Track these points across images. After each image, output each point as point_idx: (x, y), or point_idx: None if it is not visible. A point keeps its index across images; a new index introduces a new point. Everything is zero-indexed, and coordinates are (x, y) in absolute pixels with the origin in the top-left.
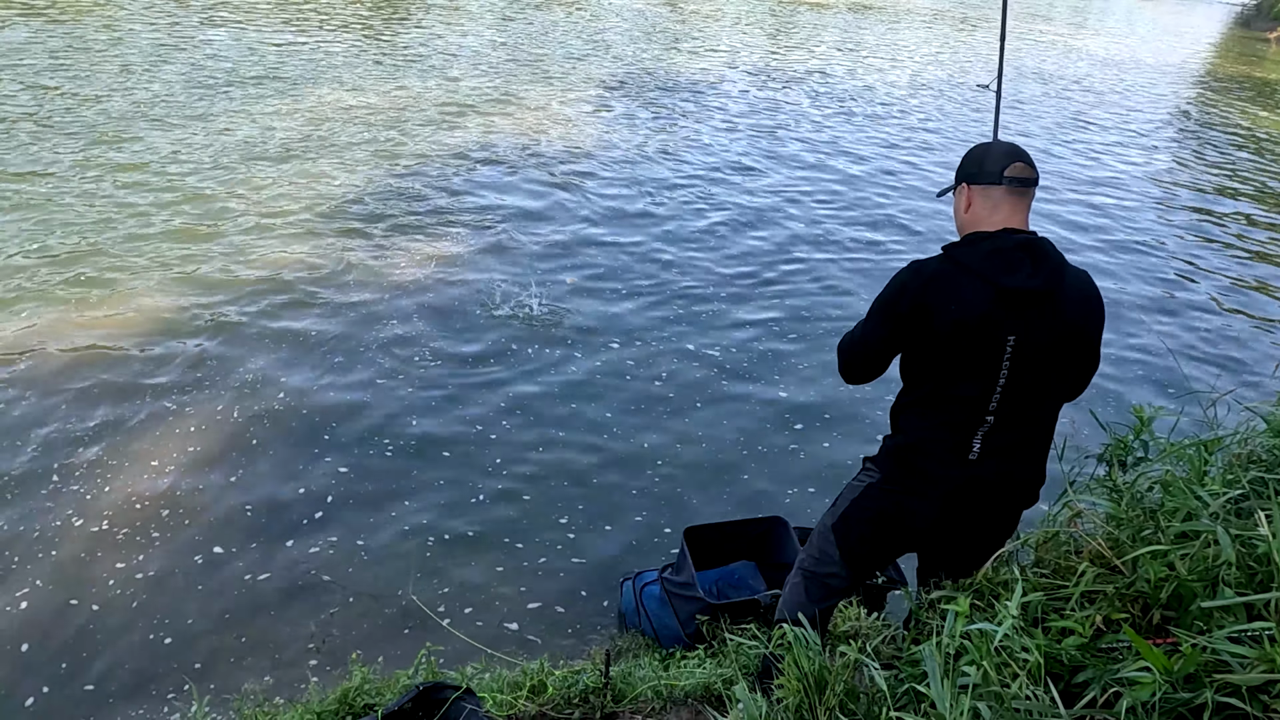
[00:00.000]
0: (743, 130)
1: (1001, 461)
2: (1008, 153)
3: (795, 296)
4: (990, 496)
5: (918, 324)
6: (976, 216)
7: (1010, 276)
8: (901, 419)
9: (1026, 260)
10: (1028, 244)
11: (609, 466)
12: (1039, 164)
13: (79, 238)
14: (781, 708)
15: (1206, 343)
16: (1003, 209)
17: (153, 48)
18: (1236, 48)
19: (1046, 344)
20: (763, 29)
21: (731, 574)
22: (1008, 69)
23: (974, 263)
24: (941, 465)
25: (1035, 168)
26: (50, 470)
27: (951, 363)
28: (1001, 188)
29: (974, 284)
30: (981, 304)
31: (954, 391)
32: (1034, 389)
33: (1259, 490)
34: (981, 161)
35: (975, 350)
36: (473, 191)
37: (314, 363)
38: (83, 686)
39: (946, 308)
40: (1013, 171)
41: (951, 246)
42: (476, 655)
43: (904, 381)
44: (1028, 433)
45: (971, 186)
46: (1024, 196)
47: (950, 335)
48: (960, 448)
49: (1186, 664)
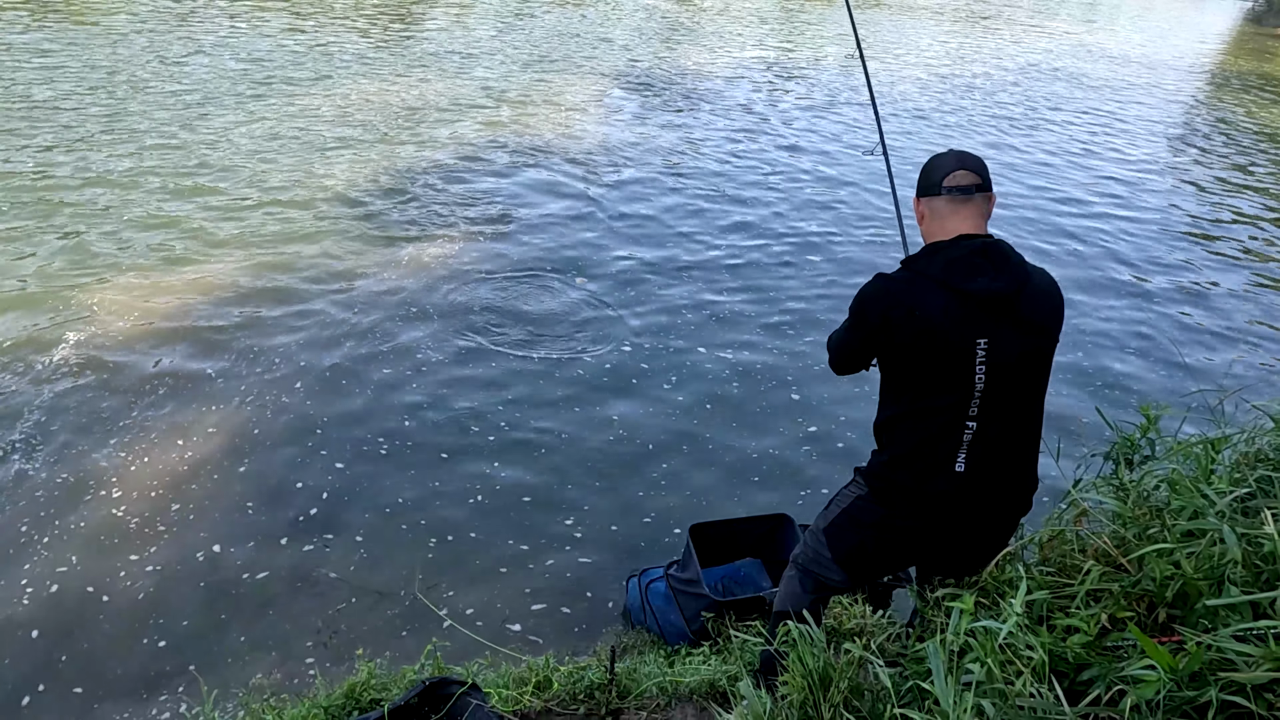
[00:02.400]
0: (758, 129)
1: (990, 471)
2: (950, 161)
3: (811, 299)
4: (982, 507)
5: (886, 336)
6: (930, 228)
7: (972, 282)
8: (884, 436)
9: (986, 264)
10: (984, 249)
11: (616, 465)
12: (1046, 160)
13: (74, 236)
14: (786, 704)
15: (1215, 341)
16: (952, 218)
17: (158, 48)
18: (1248, 44)
19: (1018, 345)
20: (775, 25)
21: (737, 571)
22: (1023, 64)
23: (934, 272)
24: (927, 482)
25: (982, 173)
26: (49, 469)
27: (925, 373)
28: (942, 198)
29: (936, 292)
30: (947, 311)
31: (932, 402)
32: (1013, 391)
33: (1266, 489)
34: (929, 174)
35: (947, 358)
36: (482, 189)
37: (318, 359)
38: (90, 682)
39: (912, 318)
40: (952, 180)
41: (911, 258)
42: (482, 651)
43: (883, 397)
44: (1013, 438)
45: (921, 200)
46: (968, 203)
47: (919, 345)
48: (945, 461)
49: (1191, 662)
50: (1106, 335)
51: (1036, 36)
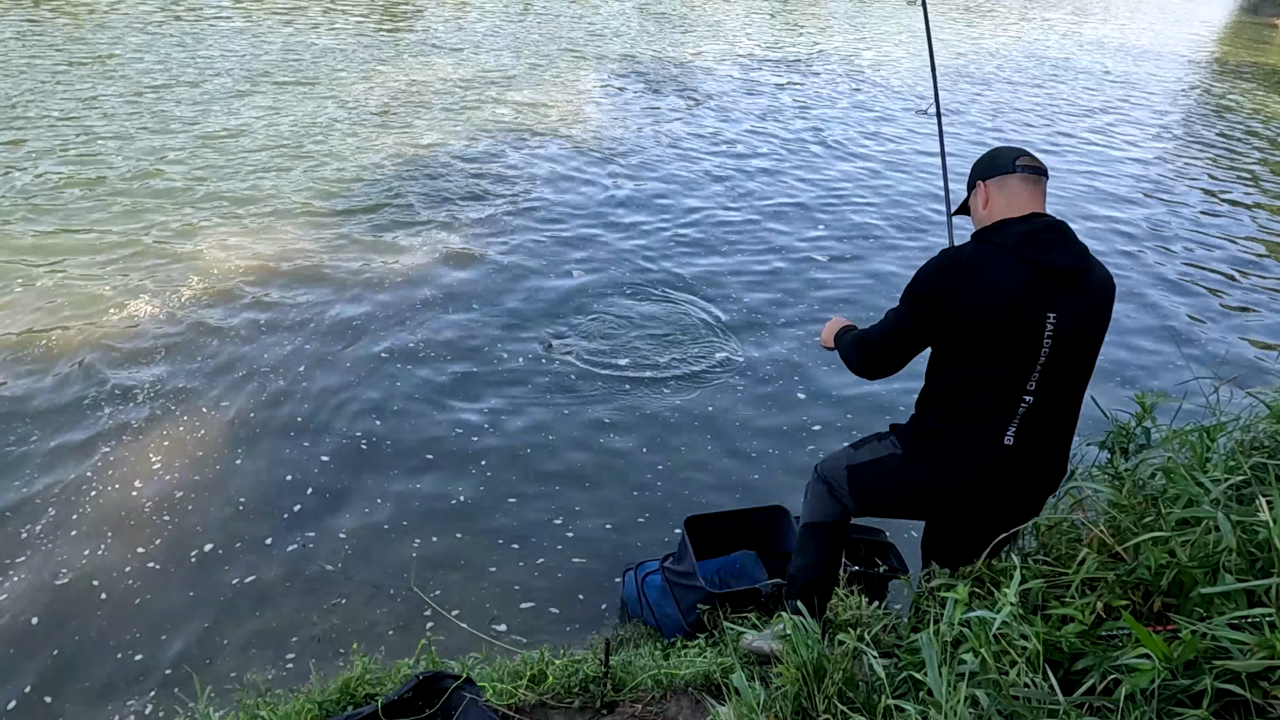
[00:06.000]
0: (760, 117)
1: (1036, 446)
2: (1015, 150)
3: (812, 291)
4: (1022, 482)
5: (954, 307)
6: (997, 208)
7: (1046, 254)
8: (930, 406)
9: (1058, 240)
10: (1054, 226)
11: (611, 460)
12: (1047, 150)
13: (63, 238)
14: (780, 695)
15: (1210, 328)
16: (1021, 197)
17: (153, 40)
18: (1244, 34)
19: (1082, 322)
20: (774, 17)
21: (733, 563)
22: (1021, 54)
23: (1009, 242)
24: (973, 453)
25: (1042, 162)
26: (49, 468)
27: (990, 343)
28: (1017, 175)
29: (1011, 263)
30: (1021, 282)
31: (991, 373)
32: (1071, 368)
33: (1261, 476)
34: (993, 159)
35: (1016, 329)
36: (478, 184)
37: (312, 356)
38: (85, 679)
39: (984, 288)
40: (1025, 161)
41: (982, 231)
42: (477, 645)
43: (934, 369)
44: (1062, 415)
45: (987, 183)
46: (1038, 185)
47: (989, 315)
48: (994, 435)
49: (1186, 651)
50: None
51: (1034, 29)
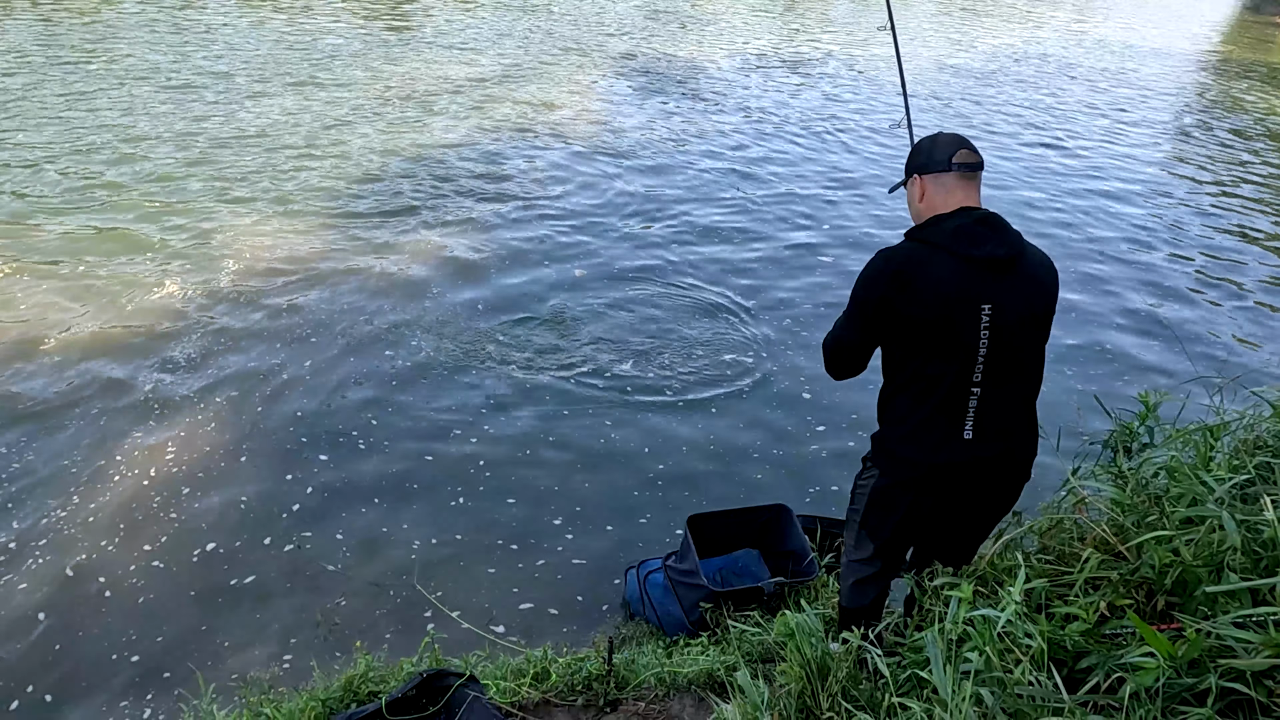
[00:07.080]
0: (763, 117)
1: (997, 436)
2: (953, 141)
3: (808, 290)
4: (990, 474)
5: (895, 306)
6: (931, 203)
7: (978, 248)
8: (889, 409)
9: (989, 232)
10: (986, 219)
11: (613, 460)
12: (1045, 150)
13: (60, 239)
14: (784, 694)
15: (1213, 327)
16: (956, 193)
17: (156, 38)
18: (1247, 32)
19: (1020, 310)
20: (778, 14)
21: (735, 561)
22: (1022, 54)
23: (941, 240)
24: (936, 452)
25: (979, 154)
26: (53, 465)
27: (932, 340)
28: (952, 173)
29: (944, 259)
30: (955, 277)
31: (937, 370)
32: (1014, 357)
33: (1265, 475)
34: (930, 152)
35: (953, 325)
36: (485, 183)
37: (315, 355)
38: (90, 678)
39: (921, 285)
40: (960, 158)
41: (915, 229)
42: (480, 643)
43: (886, 371)
44: (1015, 404)
45: (923, 176)
46: (973, 180)
47: (928, 312)
48: (953, 429)
49: (1190, 649)
50: (1103, 321)
51: (1035, 27)
